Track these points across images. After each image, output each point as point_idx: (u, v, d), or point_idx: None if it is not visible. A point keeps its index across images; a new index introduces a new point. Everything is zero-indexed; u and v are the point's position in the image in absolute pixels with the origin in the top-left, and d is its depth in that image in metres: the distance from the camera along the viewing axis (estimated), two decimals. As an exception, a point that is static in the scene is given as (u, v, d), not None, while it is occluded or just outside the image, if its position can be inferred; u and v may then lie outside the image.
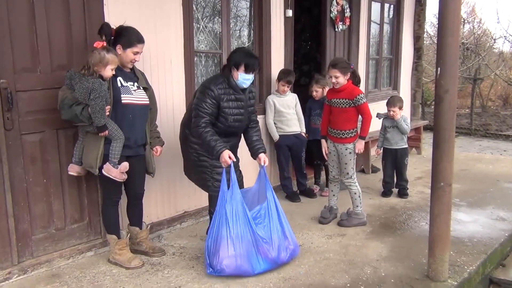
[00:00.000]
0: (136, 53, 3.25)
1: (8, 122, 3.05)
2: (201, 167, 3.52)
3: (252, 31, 4.94)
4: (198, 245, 3.83)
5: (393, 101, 5.00)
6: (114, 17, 3.43)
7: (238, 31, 4.94)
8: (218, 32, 4.58)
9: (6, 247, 3.14)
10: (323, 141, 4.34)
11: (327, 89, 4.99)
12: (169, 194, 4.12)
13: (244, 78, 3.38)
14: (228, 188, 3.23)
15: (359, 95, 3.98)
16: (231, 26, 4.67)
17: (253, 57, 3.44)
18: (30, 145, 3.20)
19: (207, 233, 3.61)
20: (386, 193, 5.13)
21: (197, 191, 4.25)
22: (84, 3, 3.34)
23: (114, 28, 3.19)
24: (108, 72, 3.04)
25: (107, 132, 3.05)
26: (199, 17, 4.38)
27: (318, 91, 5.04)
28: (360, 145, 4.08)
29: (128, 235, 3.51)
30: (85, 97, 2.96)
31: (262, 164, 3.45)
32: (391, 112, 4.95)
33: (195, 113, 3.33)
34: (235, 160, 3.31)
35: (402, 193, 5.09)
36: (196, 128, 3.32)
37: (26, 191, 3.21)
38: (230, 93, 3.40)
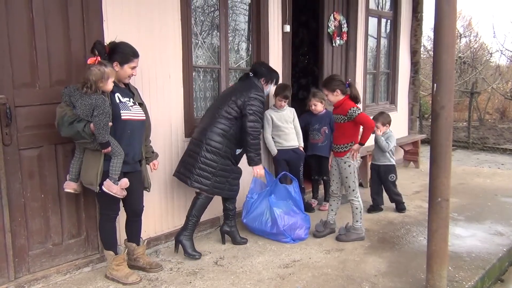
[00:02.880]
0: (133, 68, 3.28)
1: (6, 137, 3.06)
2: (225, 171, 3.91)
3: (250, 45, 4.98)
4: (196, 260, 3.81)
5: (377, 117, 5.01)
6: (113, 33, 3.45)
7: (237, 46, 4.98)
8: (217, 47, 4.61)
9: (3, 263, 3.12)
10: (330, 154, 4.40)
11: (324, 103, 5.03)
12: (167, 208, 4.11)
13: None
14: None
15: (350, 109, 3.99)
16: (229, 41, 4.70)
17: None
18: (28, 160, 3.20)
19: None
20: (370, 209, 5.09)
21: (195, 205, 4.26)
22: (83, 19, 3.36)
23: (107, 45, 3.21)
24: (110, 85, 3.06)
25: (110, 148, 3.04)
26: (198, 32, 4.42)
27: (317, 105, 5.02)
28: (355, 147, 4.06)
29: (126, 251, 3.49)
30: (87, 113, 2.96)
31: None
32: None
33: (255, 118, 3.85)
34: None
35: (399, 208, 5.08)
36: (255, 131, 3.87)
37: (24, 206, 3.20)
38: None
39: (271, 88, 4.20)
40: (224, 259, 3.84)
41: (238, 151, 4.02)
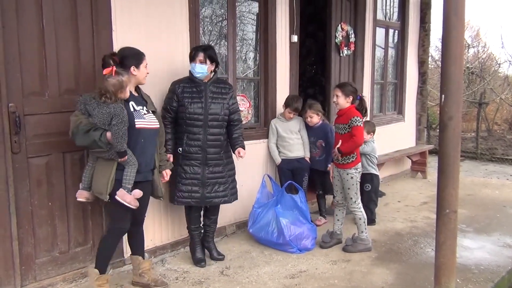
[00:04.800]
0: (146, 66, 3.27)
1: (15, 146, 3.08)
2: (172, 177, 3.74)
3: (258, 55, 5.00)
4: (202, 269, 3.80)
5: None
6: (122, 43, 3.48)
7: (244, 55, 5.00)
8: (224, 56, 4.64)
9: (10, 270, 3.13)
10: (331, 165, 4.37)
11: (321, 115, 4.97)
12: (173, 217, 4.11)
13: (193, 68, 3.71)
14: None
15: (354, 117, 3.99)
16: (237, 51, 4.73)
17: (194, 48, 3.82)
18: (37, 168, 3.22)
19: None
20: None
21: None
22: (93, 29, 3.40)
23: (112, 54, 3.15)
24: (128, 92, 3.04)
25: (126, 157, 2.99)
26: (206, 42, 4.44)
27: (313, 117, 4.88)
28: (335, 155, 4.09)
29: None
30: (105, 122, 2.92)
31: (238, 156, 3.88)
32: None
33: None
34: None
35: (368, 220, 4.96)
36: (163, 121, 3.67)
37: (31, 214, 3.21)
38: (188, 87, 3.74)
39: (193, 66, 3.71)
40: (230, 268, 3.83)
41: (180, 149, 3.77)
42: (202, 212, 4.00)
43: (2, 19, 2.97)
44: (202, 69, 3.68)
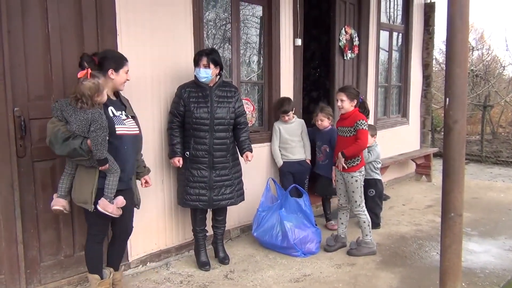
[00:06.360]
0: (127, 72, 3.15)
1: (20, 150, 3.10)
2: (180, 180, 3.89)
3: (261, 59, 5.01)
4: (206, 273, 3.80)
5: None
6: (127, 47, 3.51)
7: (248, 59, 5.01)
8: (228, 60, 4.65)
9: (15, 274, 3.15)
10: (333, 168, 4.36)
11: (331, 119, 4.95)
12: (177, 221, 4.12)
13: (197, 73, 3.72)
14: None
15: (360, 120, 4.00)
16: (240, 54, 4.73)
17: (198, 53, 3.82)
18: (42, 172, 3.24)
19: None
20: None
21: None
22: (98, 33, 3.42)
23: (93, 55, 3.08)
24: (105, 96, 2.92)
25: (108, 165, 2.88)
26: (210, 45, 4.44)
27: (323, 120, 4.86)
28: (339, 160, 4.08)
29: (112, 275, 3.25)
30: (84, 129, 2.79)
31: (246, 160, 3.93)
32: None
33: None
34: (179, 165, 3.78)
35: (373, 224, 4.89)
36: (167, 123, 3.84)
37: (36, 217, 3.23)
38: (194, 91, 3.75)
39: (196, 71, 3.73)
40: (234, 272, 3.83)
41: (187, 153, 3.77)
42: (207, 215, 4.00)
43: (8, 24, 3.00)
44: (207, 74, 3.69)
